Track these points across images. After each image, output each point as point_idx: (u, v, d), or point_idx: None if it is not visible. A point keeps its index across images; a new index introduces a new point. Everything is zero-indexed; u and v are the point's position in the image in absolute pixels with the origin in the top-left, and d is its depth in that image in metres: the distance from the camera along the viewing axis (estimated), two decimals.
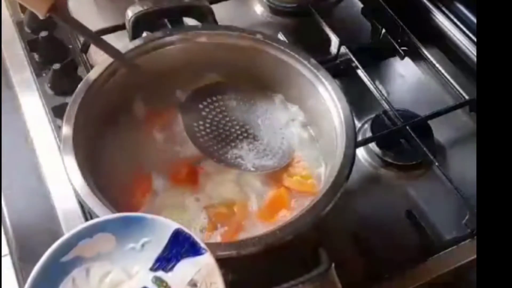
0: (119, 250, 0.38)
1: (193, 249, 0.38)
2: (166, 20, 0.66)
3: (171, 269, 0.38)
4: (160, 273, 0.37)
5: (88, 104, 0.53)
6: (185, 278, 0.37)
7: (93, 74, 0.54)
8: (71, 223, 0.57)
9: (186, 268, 0.37)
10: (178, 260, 0.38)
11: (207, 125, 0.58)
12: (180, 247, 0.38)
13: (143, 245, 0.38)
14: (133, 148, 0.56)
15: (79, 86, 0.54)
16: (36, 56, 0.72)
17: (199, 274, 0.37)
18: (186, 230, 0.39)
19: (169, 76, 0.58)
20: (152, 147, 0.57)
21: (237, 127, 0.58)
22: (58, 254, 0.37)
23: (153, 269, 0.38)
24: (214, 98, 0.59)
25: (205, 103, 0.59)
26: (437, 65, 0.76)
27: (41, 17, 0.50)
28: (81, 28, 0.54)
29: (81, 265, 0.37)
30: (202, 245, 0.38)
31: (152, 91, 0.58)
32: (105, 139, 0.56)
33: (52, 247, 0.38)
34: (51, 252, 0.37)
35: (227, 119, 0.59)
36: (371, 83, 0.71)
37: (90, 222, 0.39)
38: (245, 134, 0.58)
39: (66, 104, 0.53)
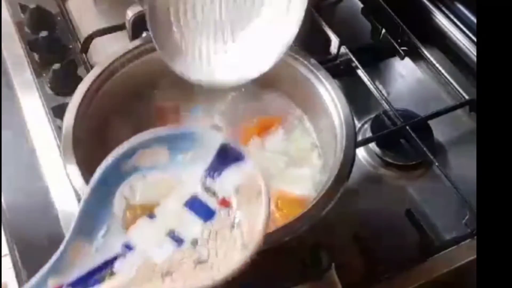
0: (171, 161, 0.41)
1: (238, 158, 0.41)
2: None
3: (218, 177, 0.40)
4: (208, 182, 0.40)
5: (88, 104, 0.53)
6: (230, 186, 0.40)
7: (93, 74, 0.54)
8: (71, 223, 0.57)
9: (231, 176, 0.40)
10: (224, 169, 0.40)
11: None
12: (227, 157, 0.41)
13: (193, 158, 0.41)
14: None
15: (79, 86, 0.54)
16: (36, 56, 0.72)
17: (243, 181, 0.40)
18: (232, 142, 0.41)
19: (169, 76, 0.58)
20: None
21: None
22: (119, 161, 0.40)
23: (202, 178, 0.40)
24: None
25: None
26: (437, 65, 0.76)
27: None
28: None
29: (139, 173, 0.40)
30: (247, 155, 0.41)
31: (152, 90, 0.58)
32: (106, 139, 0.56)
33: (114, 154, 0.41)
34: (113, 159, 0.40)
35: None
36: (371, 83, 0.71)
37: (146, 135, 0.42)
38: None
39: (66, 104, 0.53)
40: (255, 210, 0.39)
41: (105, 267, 0.36)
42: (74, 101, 0.52)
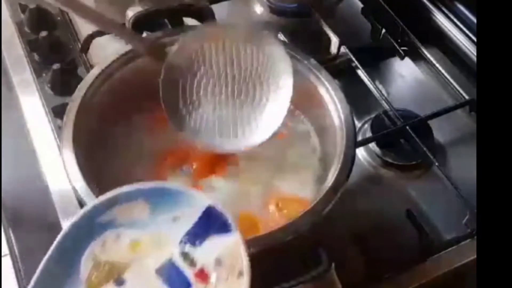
0: (151, 220, 0.38)
1: (223, 227, 0.38)
2: (166, 20, 0.66)
3: (199, 244, 0.37)
4: (188, 248, 0.37)
5: (88, 104, 0.53)
6: (211, 255, 0.37)
7: (93, 74, 0.54)
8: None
9: (213, 245, 0.37)
10: (207, 237, 0.38)
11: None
12: (211, 223, 0.38)
13: (175, 218, 0.38)
14: (134, 147, 0.56)
15: (79, 86, 0.54)
16: (36, 56, 0.72)
17: (225, 253, 0.37)
18: (219, 207, 0.39)
19: None
20: (154, 147, 0.57)
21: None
22: (94, 214, 0.38)
23: (182, 243, 0.38)
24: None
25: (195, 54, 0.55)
26: (437, 65, 0.76)
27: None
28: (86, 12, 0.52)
29: (113, 229, 0.38)
30: (233, 224, 0.38)
31: (152, 90, 0.58)
32: (106, 139, 0.56)
33: (90, 205, 0.38)
34: (88, 210, 0.38)
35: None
36: (371, 83, 0.71)
37: (128, 187, 0.39)
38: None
39: (66, 104, 0.53)
40: None
41: None
42: (74, 101, 0.52)
